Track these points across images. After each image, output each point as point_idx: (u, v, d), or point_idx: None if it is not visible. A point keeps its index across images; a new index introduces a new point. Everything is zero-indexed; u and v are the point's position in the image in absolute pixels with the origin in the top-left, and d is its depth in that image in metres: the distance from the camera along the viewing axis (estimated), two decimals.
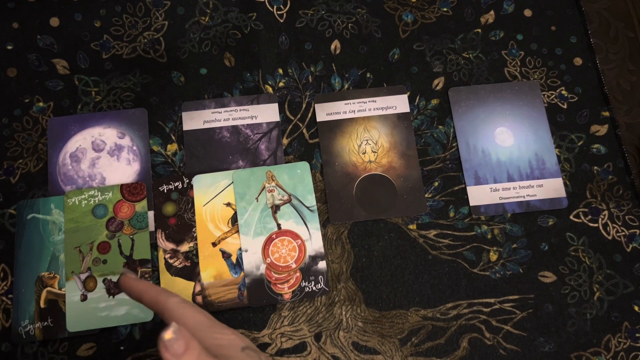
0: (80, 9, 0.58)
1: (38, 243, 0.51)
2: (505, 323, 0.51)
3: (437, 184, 0.55)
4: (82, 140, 0.54)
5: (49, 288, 0.50)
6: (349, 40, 0.59)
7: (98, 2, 0.59)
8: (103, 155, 0.54)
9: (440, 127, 0.57)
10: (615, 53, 0.61)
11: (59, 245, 0.51)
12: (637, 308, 0.51)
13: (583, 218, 0.54)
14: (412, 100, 0.57)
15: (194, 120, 0.56)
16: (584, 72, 0.59)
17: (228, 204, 0.53)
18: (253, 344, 0.33)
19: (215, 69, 0.58)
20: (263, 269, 0.51)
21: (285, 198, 0.53)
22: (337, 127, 0.56)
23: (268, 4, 0.60)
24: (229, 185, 0.53)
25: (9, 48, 0.57)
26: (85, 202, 0.52)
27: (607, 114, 0.57)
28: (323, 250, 0.52)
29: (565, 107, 0.58)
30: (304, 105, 0.57)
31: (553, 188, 0.55)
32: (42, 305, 0.49)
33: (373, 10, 0.60)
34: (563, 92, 0.58)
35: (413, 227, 0.53)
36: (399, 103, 0.57)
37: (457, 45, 0.59)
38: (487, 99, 0.57)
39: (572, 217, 0.54)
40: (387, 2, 0.61)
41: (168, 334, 0.29)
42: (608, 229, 0.54)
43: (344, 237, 0.53)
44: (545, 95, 0.58)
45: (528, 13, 0.61)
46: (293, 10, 0.60)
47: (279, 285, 0.51)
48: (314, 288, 0.51)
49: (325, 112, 0.57)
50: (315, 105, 0.57)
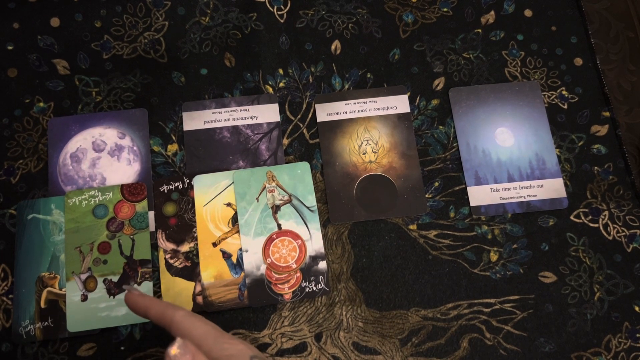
0: (81, 9, 0.59)
1: (38, 243, 0.51)
2: (506, 323, 0.51)
3: (437, 184, 0.55)
4: (82, 141, 0.54)
5: (50, 288, 0.50)
6: (350, 41, 0.59)
7: (98, 2, 0.59)
8: (103, 156, 0.54)
9: (441, 127, 0.57)
10: (616, 53, 0.61)
11: (60, 246, 0.51)
12: (637, 308, 0.51)
13: (583, 218, 0.54)
14: (412, 101, 0.57)
15: (195, 121, 0.56)
16: (585, 72, 0.59)
17: (228, 204, 0.53)
18: (261, 353, 0.34)
19: (216, 69, 0.58)
20: (263, 269, 0.51)
21: (286, 198, 0.53)
22: (337, 127, 0.56)
23: (268, 4, 0.60)
24: (230, 186, 0.53)
25: (10, 48, 0.57)
26: (86, 202, 0.52)
27: (607, 114, 0.57)
28: (323, 251, 0.52)
29: (566, 107, 0.58)
30: (305, 106, 0.57)
31: (553, 188, 0.55)
32: (42, 306, 0.49)
33: (373, 11, 0.60)
34: (563, 92, 0.58)
35: (413, 227, 0.53)
36: (400, 103, 0.57)
37: (457, 46, 0.59)
38: (487, 99, 0.57)
39: (572, 217, 0.54)
40: (387, 2, 0.61)
41: (174, 349, 0.30)
42: (608, 229, 0.54)
43: (345, 237, 0.53)
44: (546, 96, 0.58)
45: (528, 13, 0.61)
46: (293, 11, 0.60)
47: (280, 286, 0.51)
48: (315, 288, 0.51)
49: (326, 112, 0.57)
50: (316, 106, 0.57)
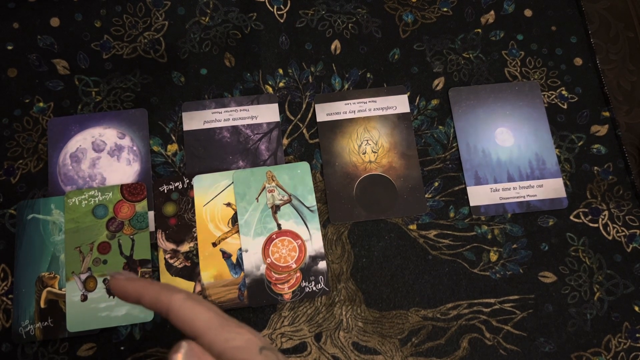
0: (81, 9, 0.58)
1: (38, 243, 0.51)
2: (506, 323, 0.51)
3: (437, 184, 0.55)
4: (82, 141, 0.54)
5: (49, 288, 0.50)
6: (349, 41, 0.59)
7: (98, 2, 0.59)
8: (103, 156, 0.54)
9: (441, 127, 0.57)
10: (616, 53, 0.61)
11: (59, 246, 0.51)
12: (637, 308, 0.51)
13: (583, 218, 0.54)
14: (412, 101, 0.57)
15: (194, 121, 0.56)
16: (584, 72, 0.59)
17: (228, 204, 0.53)
18: (269, 342, 0.30)
19: (216, 69, 0.58)
20: (263, 269, 0.51)
21: (286, 198, 0.53)
22: (337, 127, 0.56)
23: (268, 4, 0.60)
24: (229, 186, 0.53)
25: (9, 48, 0.57)
26: (86, 202, 0.52)
27: (607, 114, 0.57)
28: (323, 251, 0.52)
29: (566, 107, 0.58)
30: (304, 106, 0.57)
31: (553, 188, 0.55)
32: (42, 306, 0.49)
33: (373, 11, 0.60)
34: (563, 92, 0.58)
35: (413, 227, 0.53)
36: (399, 103, 0.57)
37: (457, 46, 0.59)
38: (487, 99, 0.57)
39: (572, 217, 0.54)
40: (387, 2, 0.61)
41: (179, 357, 0.26)
42: (608, 229, 0.54)
43: (344, 237, 0.53)
44: (546, 96, 0.58)
45: (528, 13, 0.61)
46: (293, 11, 0.60)
47: (279, 286, 0.51)
48: (314, 288, 0.51)
49: (326, 112, 0.57)
50: (316, 106, 0.57)
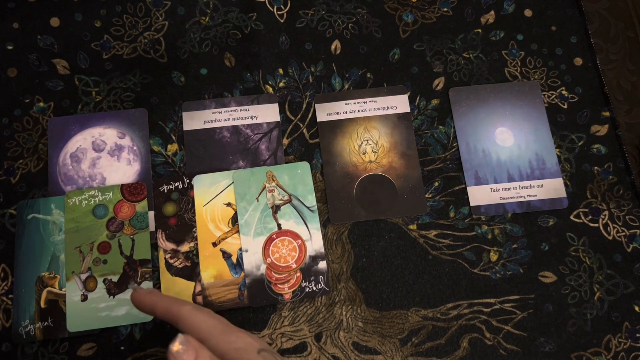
0: (81, 9, 0.58)
1: (38, 243, 0.51)
2: (506, 323, 0.51)
3: (437, 184, 0.55)
4: (82, 141, 0.54)
5: (49, 288, 0.50)
6: (349, 41, 0.59)
7: (98, 2, 0.59)
8: (103, 156, 0.54)
9: (441, 127, 0.57)
10: (616, 53, 0.61)
11: (59, 246, 0.51)
12: (637, 308, 0.51)
13: (583, 218, 0.54)
14: (412, 101, 0.57)
15: (195, 120, 0.56)
16: (585, 72, 0.59)
17: (228, 204, 0.53)
18: (269, 346, 0.33)
19: (216, 69, 0.58)
20: (263, 269, 0.51)
21: (286, 198, 0.53)
22: (337, 127, 0.56)
23: (268, 4, 0.60)
24: (229, 186, 0.53)
25: (9, 48, 0.57)
26: (86, 202, 0.52)
27: (607, 114, 0.57)
28: (323, 251, 0.52)
29: (566, 107, 0.58)
30: (304, 106, 0.57)
31: (553, 188, 0.55)
32: (42, 305, 0.49)
33: (373, 11, 0.60)
34: (563, 92, 0.58)
35: (413, 227, 0.53)
36: (399, 103, 0.57)
37: (457, 45, 0.59)
38: (487, 99, 0.57)
39: (572, 217, 0.54)
40: (387, 2, 0.61)
41: (176, 346, 0.29)
42: (608, 229, 0.54)
43: (344, 237, 0.53)
44: (546, 95, 0.58)
45: (528, 13, 0.61)
46: (293, 11, 0.60)
47: (279, 286, 0.51)
48: (314, 288, 0.51)
49: (326, 112, 0.57)
50: (316, 106, 0.57)
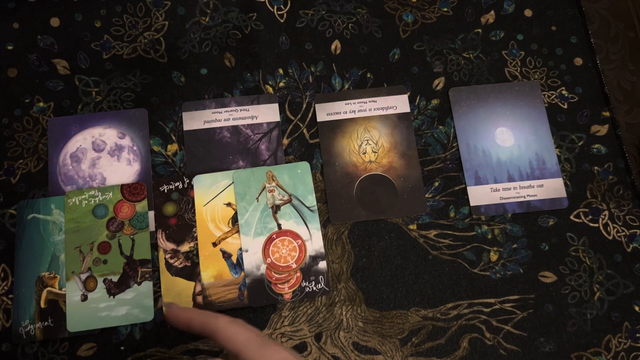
0: (81, 9, 0.58)
1: (38, 243, 0.51)
2: (506, 323, 0.51)
3: (437, 184, 0.55)
4: (82, 141, 0.54)
5: (50, 288, 0.50)
6: (350, 41, 0.59)
7: (98, 2, 0.59)
8: (103, 156, 0.54)
9: (441, 127, 0.57)
10: (616, 53, 0.61)
11: (60, 246, 0.51)
12: (637, 308, 0.51)
13: (583, 218, 0.54)
14: (412, 101, 0.57)
15: (195, 121, 0.56)
16: (585, 72, 0.59)
17: (228, 204, 0.53)
18: (304, 358, 0.34)
19: (216, 69, 0.58)
20: (263, 269, 0.51)
21: (286, 198, 0.53)
22: (337, 127, 0.56)
23: (268, 4, 0.60)
24: (230, 186, 0.53)
25: (10, 48, 0.57)
26: (86, 202, 0.52)
27: (607, 114, 0.57)
28: (323, 250, 0.52)
29: (566, 107, 0.58)
30: (305, 106, 0.57)
31: (553, 188, 0.55)
32: (42, 305, 0.49)
33: (373, 11, 0.60)
34: (563, 92, 0.58)
35: (413, 227, 0.53)
36: (399, 103, 0.57)
37: (457, 45, 0.59)
38: (487, 99, 0.57)
39: (572, 217, 0.54)
40: (387, 2, 0.61)
41: None
42: (608, 229, 0.54)
43: (345, 237, 0.53)
44: (546, 95, 0.58)
45: (528, 13, 0.61)
46: (293, 11, 0.60)
47: (280, 286, 0.51)
48: (315, 288, 0.51)
49: (326, 112, 0.57)
50: (316, 106, 0.57)
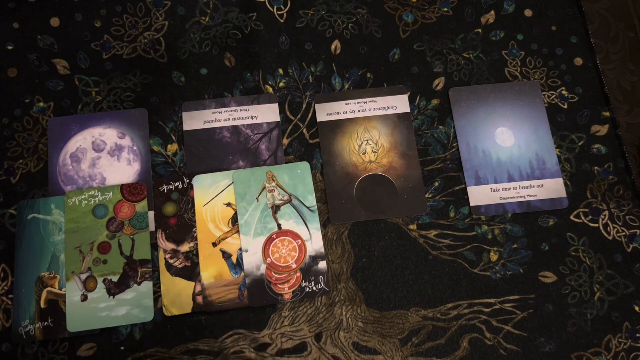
0: (81, 9, 0.58)
1: (38, 243, 0.51)
2: (506, 323, 0.51)
3: (437, 184, 0.55)
4: (82, 141, 0.54)
5: (49, 288, 0.50)
6: (349, 40, 0.59)
7: (98, 2, 0.59)
8: (103, 156, 0.54)
9: (441, 127, 0.57)
10: (616, 53, 0.61)
11: (59, 245, 0.51)
12: (637, 308, 0.51)
13: (583, 218, 0.54)
14: (412, 101, 0.57)
15: (194, 120, 0.56)
16: (585, 72, 0.59)
17: (228, 204, 0.53)
18: None
19: (216, 69, 0.58)
20: (263, 269, 0.51)
21: (286, 198, 0.53)
22: (337, 127, 0.56)
23: (268, 4, 0.60)
24: (229, 186, 0.53)
25: (9, 48, 0.57)
26: (86, 202, 0.52)
27: (607, 114, 0.57)
28: (323, 250, 0.52)
29: (566, 107, 0.58)
30: (304, 106, 0.57)
31: (553, 188, 0.55)
32: (42, 305, 0.49)
33: (373, 11, 0.60)
34: (563, 92, 0.58)
35: (413, 227, 0.53)
36: (399, 103, 0.57)
37: (457, 45, 0.59)
38: (487, 99, 0.57)
39: (572, 217, 0.54)
40: (387, 2, 0.61)
41: None
42: (608, 229, 0.54)
43: (344, 237, 0.53)
44: (546, 95, 0.58)
45: (528, 13, 0.61)
46: (293, 11, 0.60)
47: (279, 286, 0.51)
48: (314, 288, 0.51)
49: (326, 112, 0.57)
50: (316, 106, 0.57)
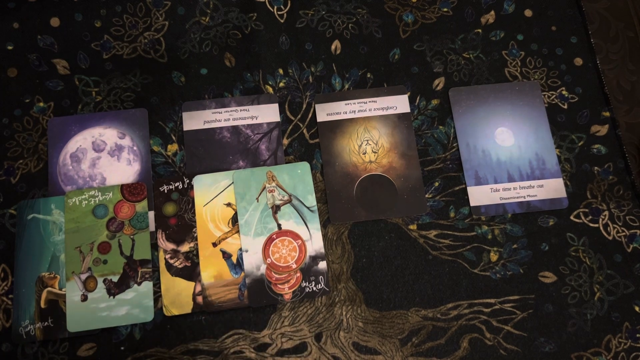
0: (81, 9, 0.58)
1: (38, 243, 0.51)
2: (506, 323, 0.51)
3: (437, 184, 0.55)
4: (82, 141, 0.54)
5: (50, 288, 0.50)
6: (350, 41, 0.59)
7: (98, 2, 0.59)
8: (103, 156, 0.54)
9: (441, 127, 0.57)
10: (616, 53, 0.61)
11: (60, 246, 0.51)
12: (637, 308, 0.51)
13: (583, 218, 0.54)
14: (412, 101, 0.57)
15: (195, 121, 0.56)
16: (585, 72, 0.59)
17: (228, 204, 0.53)
18: None
19: (216, 69, 0.58)
20: (263, 269, 0.51)
21: (286, 198, 0.53)
22: (337, 127, 0.56)
23: (268, 4, 0.60)
24: (230, 186, 0.53)
25: (10, 48, 0.57)
26: (86, 202, 0.52)
27: (607, 114, 0.57)
28: (323, 251, 0.52)
29: (566, 107, 0.58)
30: (305, 106, 0.57)
31: (553, 188, 0.55)
32: (42, 306, 0.49)
33: (373, 11, 0.60)
34: (563, 92, 0.58)
35: (413, 227, 0.53)
36: (400, 103, 0.57)
37: (457, 46, 0.59)
38: (487, 99, 0.57)
39: (572, 217, 0.54)
40: (387, 2, 0.61)
41: None
42: (608, 229, 0.54)
43: (345, 237, 0.53)
44: (546, 96, 0.58)
45: (528, 13, 0.61)
46: (293, 11, 0.60)
47: (280, 286, 0.51)
48: (315, 288, 0.51)
49: (326, 112, 0.57)
50: (316, 106, 0.57)
